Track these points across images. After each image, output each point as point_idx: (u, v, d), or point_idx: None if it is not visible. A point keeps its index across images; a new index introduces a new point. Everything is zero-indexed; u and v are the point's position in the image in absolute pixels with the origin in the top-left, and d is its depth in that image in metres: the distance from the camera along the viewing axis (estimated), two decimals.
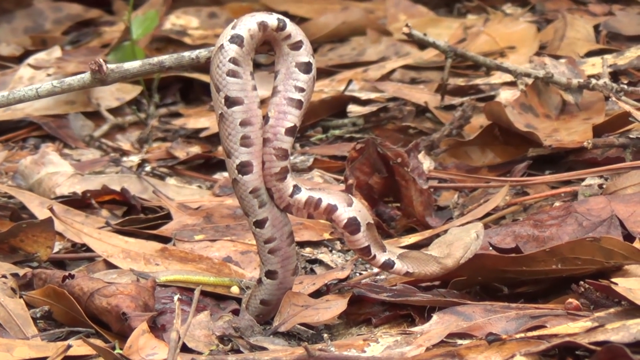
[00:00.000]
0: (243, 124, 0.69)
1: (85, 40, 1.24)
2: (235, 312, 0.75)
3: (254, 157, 0.70)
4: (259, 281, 0.74)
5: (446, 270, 0.80)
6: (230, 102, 0.68)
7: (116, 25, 1.24)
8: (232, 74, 0.68)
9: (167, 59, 0.74)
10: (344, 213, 0.73)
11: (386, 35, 1.17)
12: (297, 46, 0.71)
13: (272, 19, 0.70)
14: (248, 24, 0.69)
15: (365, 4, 1.23)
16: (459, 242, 0.82)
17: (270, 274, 0.73)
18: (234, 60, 0.68)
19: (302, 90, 0.71)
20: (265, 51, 0.72)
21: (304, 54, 0.71)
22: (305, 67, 0.71)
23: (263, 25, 0.69)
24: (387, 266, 0.76)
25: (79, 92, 1.09)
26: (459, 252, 0.82)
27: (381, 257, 0.75)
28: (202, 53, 0.73)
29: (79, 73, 1.10)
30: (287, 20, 0.71)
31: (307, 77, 0.71)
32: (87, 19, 1.26)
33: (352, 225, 0.73)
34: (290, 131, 0.71)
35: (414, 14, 1.20)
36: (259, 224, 0.72)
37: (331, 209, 0.73)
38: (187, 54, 0.74)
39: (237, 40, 0.68)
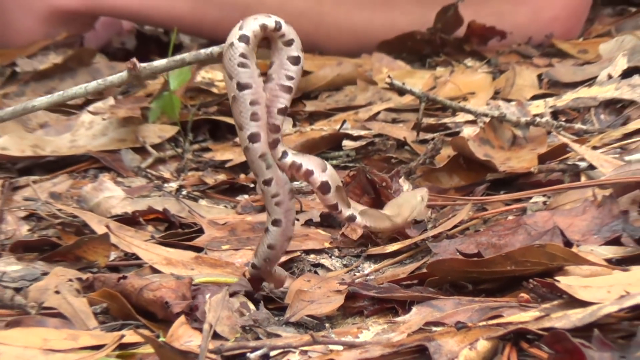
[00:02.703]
0: (252, 103, 0.70)
1: (133, 91, 1.24)
2: (249, 297, 0.75)
3: (261, 129, 0.71)
4: (266, 230, 0.75)
5: (396, 226, 0.82)
6: (241, 86, 0.69)
7: (157, 79, 1.24)
8: (242, 65, 0.69)
9: (187, 55, 0.74)
10: (319, 177, 0.74)
11: (372, 85, 1.17)
12: (289, 43, 0.71)
13: (270, 22, 0.70)
14: (252, 26, 0.70)
15: (355, 60, 1.23)
16: (407, 204, 0.84)
17: (275, 222, 0.74)
18: (242, 55, 0.69)
19: (292, 78, 0.72)
20: (265, 45, 0.72)
21: (295, 50, 0.72)
22: (295, 60, 0.72)
23: (264, 27, 0.70)
24: (351, 219, 0.77)
25: (128, 131, 1.09)
26: (407, 212, 0.83)
27: (346, 212, 0.76)
28: (215, 49, 0.72)
29: (129, 117, 1.11)
30: (282, 21, 0.71)
31: (296, 68, 0.72)
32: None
33: (324, 187, 0.74)
34: (282, 111, 0.72)
35: (394, 68, 1.21)
36: (267, 182, 0.73)
37: (309, 173, 0.74)
38: (203, 51, 0.73)
39: (244, 39, 0.69)
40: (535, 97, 1.11)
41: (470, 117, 1.04)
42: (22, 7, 1.27)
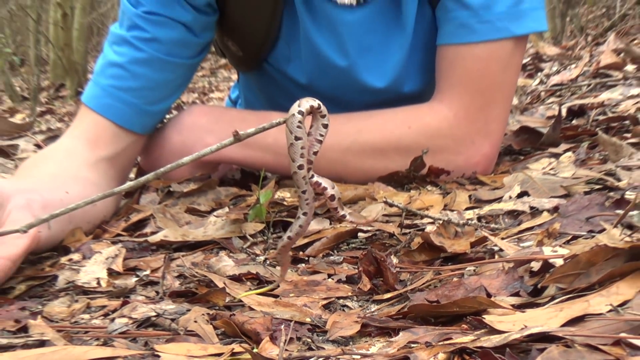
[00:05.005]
0: (301, 148, 0.70)
1: (239, 203, 1.26)
2: (311, 330, 0.74)
3: (304, 162, 0.71)
4: (298, 217, 0.75)
5: (367, 222, 0.85)
6: (297, 138, 0.69)
7: (252, 197, 1.25)
8: (299, 127, 0.69)
9: (266, 125, 0.70)
10: (330, 191, 0.75)
11: (374, 200, 1.19)
12: (323, 116, 0.72)
13: (315, 104, 0.70)
14: (305, 106, 0.69)
15: (364, 186, 1.22)
16: (374, 210, 0.92)
17: (304, 214, 0.75)
18: (299, 121, 0.69)
19: (322, 135, 0.72)
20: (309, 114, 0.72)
21: (326, 120, 0.72)
22: (325, 126, 0.72)
23: (312, 106, 0.70)
24: (343, 217, 0.78)
25: (236, 226, 1.09)
26: (374, 214, 0.87)
27: (341, 212, 0.77)
28: (281, 119, 0.70)
29: (237, 218, 1.12)
30: (321, 104, 0.71)
31: (325, 130, 0.72)
32: (240, 194, 1.28)
33: (332, 197, 0.75)
34: (315, 153, 0.72)
35: (387, 191, 1.21)
36: (303, 192, 0.73)
37: (324, 188, 0.75)
38: (275, 121, 0.71)
39: (301, 113, 0.69)
40: (467, 209, 1.11)
41: (431, 220, 1.04)
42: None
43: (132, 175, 1.39)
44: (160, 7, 1.23)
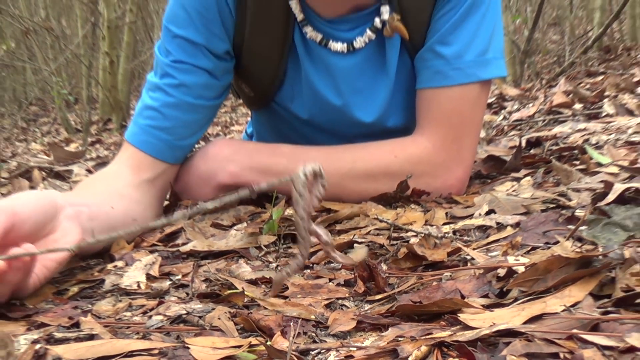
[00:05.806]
0: (304, 203, 0.68)
1: (255, 219, 1.25)
2: (315, 326, 0.73)
3: (305, 215, 0.70)
4: (297, 257, 0.74)
5: (354, 263, 0.83)
6: (300, 194, 0.68)
7: (266, 213, 1.25)
8: (303, 186, 0.67)
9: (275, 181, 0.69)
10: (324, 238, 0.74)
11: (367, 217, 1.18)
12: (322, 177, 0.71)
13: (317, 168, 0.70)
14: (308, 170, 0.68)
15: (359, 205, 1.22)
16: (360, 252, 0.89)
17: (302, 255, 0.74)
18: (303, 182, 0.68)
19: (321, 194, 0.71)
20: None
21: (324, 182, 0.71)
22: (323, 187, 0.71)
23: (313, 170, 0.69)
24: (334, 258, 0.77)
25: (253, 238, 1.07)
26: (359, 256, 0.87)
27: (333, 254, 0.77)
28: (288, 178, 0.69)
29: (253, 231, 1.11)
30: (322, 168, 0.70)
31: (323, 190, 0.71)
32: (256, 211, 1.28)
33: (325, 242, 0.74)
34: (314, 208, 0.72)
35: (378, 209, 1.20)
36: (303, 238, 0.72)
37: (319, 234, 0.73)
38: (283, 179, 0.69)
39: (304, 175, 0.68)
40: (444, 224, 1.10)
41: (414, 234, 1.03)
42: (205, 184, 1.31)
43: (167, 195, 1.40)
44: (186, 57, 1.25)
